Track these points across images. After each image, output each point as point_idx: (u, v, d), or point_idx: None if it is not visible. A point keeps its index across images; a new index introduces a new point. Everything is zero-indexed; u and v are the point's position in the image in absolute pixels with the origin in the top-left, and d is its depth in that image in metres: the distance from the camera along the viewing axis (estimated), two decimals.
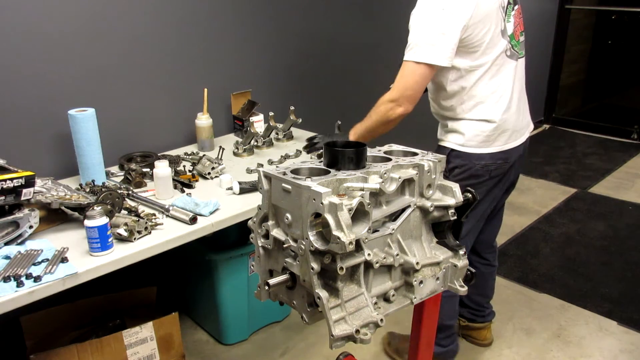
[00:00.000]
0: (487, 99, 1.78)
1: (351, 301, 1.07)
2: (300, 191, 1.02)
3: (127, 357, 1.84)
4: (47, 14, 1.88)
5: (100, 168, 1.90)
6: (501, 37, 1.74)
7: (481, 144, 1.80)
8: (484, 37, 1.69)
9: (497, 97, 1.78)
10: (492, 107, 1.78)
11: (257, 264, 1.22)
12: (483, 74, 1.75)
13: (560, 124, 5.29)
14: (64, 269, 1.37)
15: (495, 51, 1.73)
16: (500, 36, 1.74)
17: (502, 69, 1.78)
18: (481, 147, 1.80)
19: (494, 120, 1.78)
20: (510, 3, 1.77)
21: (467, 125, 1.80)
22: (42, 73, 1.91)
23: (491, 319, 2.26)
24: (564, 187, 3.89)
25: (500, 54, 1.75)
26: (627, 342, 2.29)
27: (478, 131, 1.79)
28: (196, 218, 1.64)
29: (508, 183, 1.96)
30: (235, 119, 2.49)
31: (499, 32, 1.73)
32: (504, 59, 1.77)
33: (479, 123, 1.79)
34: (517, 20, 1.81)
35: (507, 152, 1.84)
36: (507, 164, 1.86)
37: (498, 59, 1.75)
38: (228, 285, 2.15)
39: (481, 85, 1.76)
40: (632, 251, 2.99)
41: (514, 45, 1.80)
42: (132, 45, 2.14)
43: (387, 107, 1.72)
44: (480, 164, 1.80)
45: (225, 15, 2.42)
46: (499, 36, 1.73)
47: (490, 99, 1.78)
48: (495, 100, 1.78)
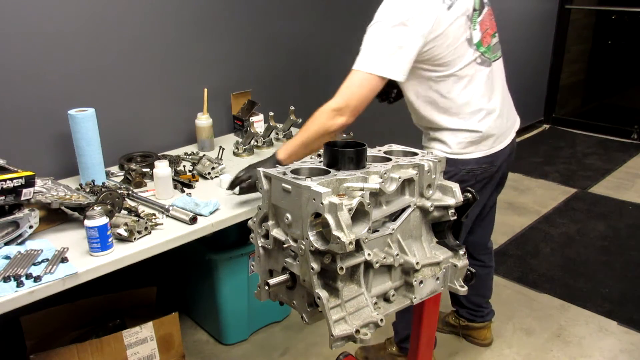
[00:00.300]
0: (462, 110, 1.72)
1: (351, 301, 1.07)
2: (300, 191, 1.02)
3: (127, 357, 1.84)
4: (47, 14, 1.88)
5: (100, 168, 1.90)
6: (468, 47, 1.67)
7: (465, 150, 1.75)
8: (448, 49, 1.62)
9: (473, 107, 1.72)
10: (469, 118, 1.73)
11: (257, 264, 1.22)
12: (453, 86, 1.69)
13: (560, 124, 5.29)
14: (64, 269, 1.37)
15: (463, 61, 1.67)
16: (467, 46, 1.67)
17: (475, 78, 1.71)
18: (466, 154, 1.75)
19: (474, 129, 1.73)
20: (476, 10, 1.70)
21: (448, 134, 1.75)
22: (42, 73, 1.91)
23: (490, 318, 2.26)
24: (564, 187, 3.89)
25: (470, 64, 1.68)
26: (627, 342, 2.29)
27: (460, 138, 1.74)
28: (196, 218, 1.64)
29: (496, 183, 1.93)
30: (235, 119, 2.49)
31: (465, 41, 1.66)
32: (475, 68, 1.71)
33: (459, 132, 1.74)
34: (486, 25, 1.75)
35: (493, 155, 1.80)
36: (494, 166, 1.82)
37: (467, 69, 1.68)
38: (228, 285, 2.15)
39: (454, 97, 1.70)
40: (632, 251, 2.99)
41: (483, 52, 1.73)
42: (132, 45, 2.14)
43: (328, 116, 1.58)
44: (465, 169, 1.76)
45: (225, 15, 2.42)
46: (465, 46, 1.66)
47: (465, 110, 1.72)
48: (471, 111, 1.72)
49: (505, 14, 4.39)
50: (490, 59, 1.76)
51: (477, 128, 1.73)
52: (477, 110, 1.73)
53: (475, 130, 1.73)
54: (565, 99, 5.42)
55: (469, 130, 1.73)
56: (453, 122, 1.73)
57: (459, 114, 1.72)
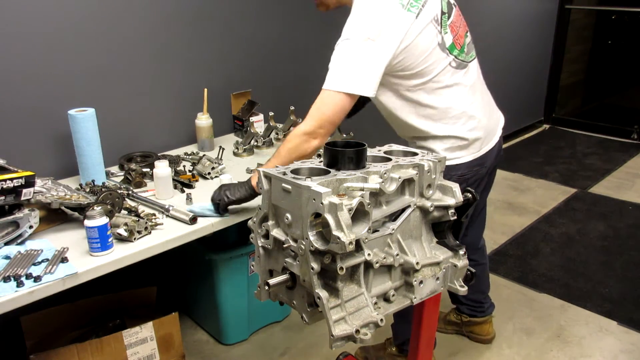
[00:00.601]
0: (445, 116, 1.69)
1: (351, 301, 1.07)
2: (300, 191, 1.02)
3: (127, 357, 1.84)
4: (47, 14, 1.88)
5: (100, 168, 1.90)
6: (441, 52, 1.64)
7: (454, 154, 1.73)
8: (419, 57, 1.59)
9: (455, 111, 1.70)
10: (453, 123, 1.70)
11: (257, 264, 1.22)
12: (432, 93, 1.66)
13: (560, 124, 5.29)
14: (64, 269, 1.37)
15: (437, 68, 1.64)
16: (439, 51, 1.63)
17: (452, 82, 1.68)
18: (455, 159, 1.73)
19: (459, 135, 1.71)
20: (445, 13, 1.66)
21: (435, 141, 1.72)
22: (42, 73, 1.91)
23: (492, 311, 2.25)
24: (564, 187, 3.89)
25: (445, 69, 1.65)
26: (627, 342, 2.29)
27: (448, 144, 1.72)
28: (196, 218, 1.64)
29: (485, 183, 1.91)
30: (235, 119, 2.49)
31: (437, 47, 1.63)
32: (451, 72, 1.68)
33: (445, 138, 1.71)
34: (457, 26, 1.71)
35: (483, 157, 1.79)
36: (484, 168, 1.81)
37: (443, 75, 1.65)
38: (228, 285, 2.15)
39: (434, 104, 1.67)
40: (632, 251, 2.99)
41: (457, 55, 1.69)
42: (133, 45, 2.14)
43: (301, 139, 1.56)
44: (456, 174, 1.73)
45: (225, 15, 2.42)
46: (437, 52, 1.63)
47: (448, 115, 1.69)
48: (454, 116, 1.70)
49: (505, 14, 4.40)
50: (465, 61, 1.72)
51: (462, 133, 1.71)
52: (460, 114, 1.70)
53: (460, 136, 1.71)
54: (565, 99, 5.43)
55: (455, 137, 1.71)
56: (438, 128, 1.70)
57: (442, 119, 1.69)
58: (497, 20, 4.28)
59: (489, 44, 4.24)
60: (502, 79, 4.56)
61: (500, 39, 4.36)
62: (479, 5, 4.05)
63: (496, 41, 4.32)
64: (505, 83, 4.61)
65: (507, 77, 4.60)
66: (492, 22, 4.21)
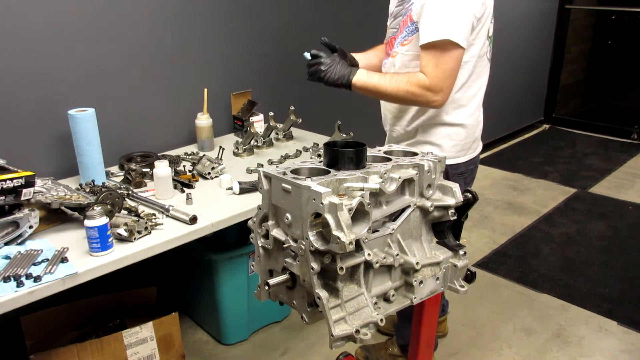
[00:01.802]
0: (470, 102, 1.69)
1: (351, 301, 1.07)
2: (300, 191, 1.02)
3: (127, 357, 1.84)
4: (47, 14, 1.88)
5: (100, 168, 1.90)
6: (486, 37, 1.66)
7: (458, 153, 1.72)
8: (484, 32, 1.61)
9: (477, 100, 1.71)
10: (471, 111, 1.70)
11: (257, 264, 1.22)
12: (472, 74, 1.66)
13: (560, 124, 5.29)
14: (64, 269, 1.37)
15: (482, 50, 1.65)
16: (486, 35, 1.66)
17: (484, 71, 1.70)
18: (457, 157, 1.73)
19: (471, 124, 1.70)
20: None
21: (442, 134, 1.70)
22: (42, 73, 1.91)
23: (446, 311, 2.28)
24: (564, 187, 3.89)
25: (484, 55, 1.67)
26: (627, 342, 2.29)
27: (455, 140, 1.70)
28: (196, 218, 1.64)
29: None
30: (235, 119, 2.49)
31: (487, 31, 1.65)
32: (485, 61, 1.70)
33: (454, 129, 1.69)
34: None
35: (477, 156, 1.81)
36: (476, 167, 1.83)
37: (483, 60, 1.67)
38: (228, 285, 2.15)
39: (467, 86, 1.67)
40: (632, 251, 2.99)
41: (492, 48, 1.73)
42: (132, 45, 2.14)
43: (422, 92, 1.55)
44: (456, 173, 1.73)
45: (225, 15, 2.42)
46: (485, 35, 1.65)
47: (472, 102, 1.69)
48: (476, 104, 1.71)
49: (506, 14, 4.39)
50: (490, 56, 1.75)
51: (473, 122, 1.71)
52: (478, 104, 1.72)
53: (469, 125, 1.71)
54: (565, 99, 5.43)
55: (464, 126, 1.70)
56: (454, 115, 1.68)
57: (465, 105, 1.68)
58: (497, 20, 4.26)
59: None
60: (502, 79, 4.56)
61: (500, 39, 4.34)
62: None
63: (496, 41, 4.31)
64: (505, 83, 4.60)
65: (507, 77, 4.59)
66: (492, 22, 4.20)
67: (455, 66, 1.55)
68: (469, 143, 1.74)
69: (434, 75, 1.54)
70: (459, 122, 1.70)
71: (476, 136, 1.77)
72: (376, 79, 1.62)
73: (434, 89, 1.54)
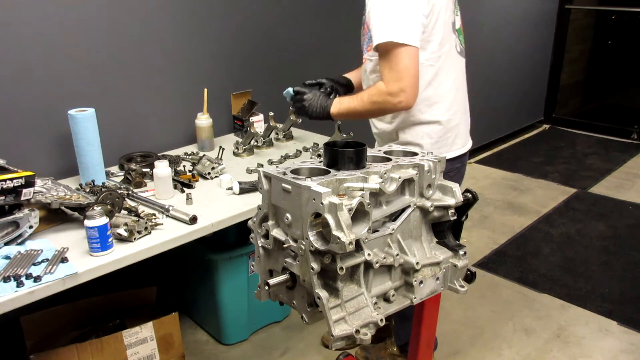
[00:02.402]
0: (443, 99, 1.68)
1: (351, 301, 1.07)
2: (300, 191, 1.02)
3: (127, 357, 1.84)
4: (47, 14, 1.88)
5: (100, 168, 1.90)
6: (452, 31, 1.65)
7: (440, 150, 1.70)
8: (439, 27, 1.60)
9: (452, 95, 1.70)
10: (446, 106, 1.69)
11: (257, 264, 1.22)
12: (439, 70, 1.65)
13: (560, 124, 5.29)
14: (64, 269, 1.37)
15: (448, 45, 1.64)
16: (451, 29, 1.65)
17: (455, 65, 1.69)
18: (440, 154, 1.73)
19: (447, 120, 1.69)
20: None
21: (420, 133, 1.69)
22: (42, 73, 1.91)
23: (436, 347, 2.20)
24: (564, 187, 3.89)
25: (452, 49, 1.66)
26: (627, 342, 2.29)
27: (435, 138, 1.69)
28: (196, 218, 1.64)
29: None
30: (235, 119, 2.49)
31: (450, 24, 1.64)
32: (456, 55, 1.69)
33: (430, 127, 1.69)
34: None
35: (465, 155, 1.79)
36: (464, 166, 1.81)
37: (451, 54, 1.66)
38: (228, 285, 2.15)
39: (437, 82, 1.66)
40: (632, 251, 2.99)
41: (461, 41, 1.72)
42: (133, 45, 2.14)
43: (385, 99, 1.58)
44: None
45: (225, 15, 2.42)
46: (450, 29, 1.64)
47: (447, 98, 1.68)
48: (450, 99, 1.69)
49: (506, 14, 4.39)
50: (464, 51, 1.74)
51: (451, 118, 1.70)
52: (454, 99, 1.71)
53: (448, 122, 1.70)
54: (565, 99, 5.43)
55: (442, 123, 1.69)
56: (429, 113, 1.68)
57: (439, 102, 1.68)
58: (497, 20, 4.28)
59: (489, 44, 4.25)
60: (502, 79, 4.57)
61: (500, 39, 4.36)
62: (480, 5, 4.05)
63: (496, 41, 4.32)
64: (506, 83, 4.61)
65: (507, 77, 4.59)
66: (492, 22, 4.21)
67: (409, 64, 1.53)
68: (450, 139, 1.72)
69: (389, 79, 1.56)
70: (434, 119, 1.69)
71: (457, 132, 1.74)
72: (346, 103, 1.70)
73: (393, 92, 1.56)
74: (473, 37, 4.29)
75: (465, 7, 1.90)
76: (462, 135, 1.78)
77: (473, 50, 4.11)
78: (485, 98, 4.34)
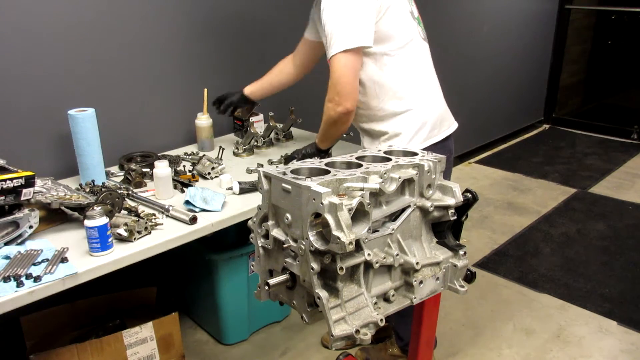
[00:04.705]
0: (411, 87, 1.71)
1: (351, 301, 1.07)
2: (300, 191, 1.02)
3: (127, 357, 1.84)
4: (47, 14, 1.88)
5: (100, 168, 1.90)
6: (412, 19, 1.68)
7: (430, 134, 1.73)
8: (397, 18, 1.63)
9: (420, 83, 1.72)
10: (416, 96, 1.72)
11: (257, 264, 1.22)
12: (402, 60, 1.68)
13: (560, 124, 5.29)
14: (64, 269, 1.37)
15: (409, 34, 1.67)
16: (411, 18, 1.68)
17: (419, 53, 1.71)
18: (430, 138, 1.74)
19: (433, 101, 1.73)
20: None
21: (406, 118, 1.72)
22: (42, 73, 1.91)
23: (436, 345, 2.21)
24: (564, 187, 3.89)
25: (414, 38, 1.69)
26: (627, 342, 2.29)
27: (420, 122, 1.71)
28: (196, 218, 1.64)
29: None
30: (235, 119, 2.49)
31: (409, 13, 1.67)
32: (419, 42, 1.72)
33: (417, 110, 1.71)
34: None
35: (449, 141, 1.81)
36: (451, 154, 1.83)
37: (413, 43, 1.69)
38: (228, 285, 2.15)
39: (401, 73, 1.69)
40: (632, 251, 2.99)
41: (422, 29, 1.75)
42: (132, 45, 2.14)
43: (327, 107, 1.64)
44: None
45: (224, 15, 2.42)
46: (409, 18, 1.67)
47: (414, 86, 1.71)
48: (419, 87, 1.72)
49: (506, 13, 4.39)
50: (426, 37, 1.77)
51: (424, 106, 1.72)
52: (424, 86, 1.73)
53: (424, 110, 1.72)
54: (565, 99, 5.43)
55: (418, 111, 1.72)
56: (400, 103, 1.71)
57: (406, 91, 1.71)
58: (497, 20, 4.28)
59: (489, 44, 4.25)
60: (502, 79, 4.57)
61: (500, 38, 4.36)
62: (479, 5, 4.05)
63: (496, 41, 4.32)
64: (505, 83, 4.61)
65: (507, 77, 4.59)
66: (492, 22, 4.21)
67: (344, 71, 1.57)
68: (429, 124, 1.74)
69: (329, 88, 1.62)
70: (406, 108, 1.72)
71: (436, 118, 1.75)
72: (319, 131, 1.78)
73: (331, 98, 1.62)
74: (473, 37, 4.31)
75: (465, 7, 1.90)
76: (444, 121, 1.80)
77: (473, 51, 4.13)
78: (486, 98, 4.34)
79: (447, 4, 3.73)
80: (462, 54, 3.98)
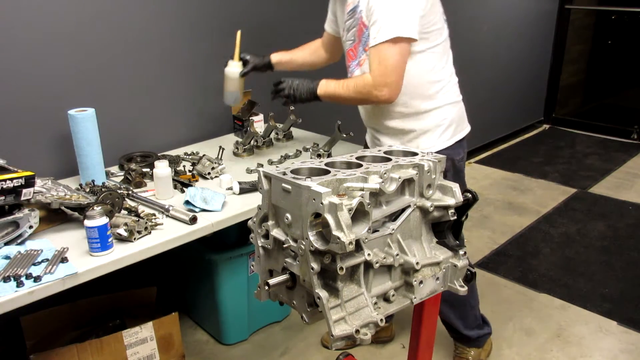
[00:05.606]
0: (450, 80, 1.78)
1: (351, 301, 1.07)
2: (300, 191, 1.02)
3: (127, 357, 1.84)
4: (47, 14, 1.88)
5: (100, 168, 1.90)
6: (444, 20, 1.75)
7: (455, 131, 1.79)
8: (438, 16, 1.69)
9: (448, 82, 1.78)
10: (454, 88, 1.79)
11: (257, 264, 1.22)
12: (444, 55, 1.75)
13: (560, 124, 5.29)
14: (64, 269, 1.37)
15: (445, 33, 1.74)
16: (443, 19, 1.74)
17: (448, 51, 1.79)
18: (455, 136, 1.79)
19: (459, 100, 1.80)
20: None
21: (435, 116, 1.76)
22: (42, 73, 1.91)
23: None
24: (564, 187, 3.89)
25: (447, 37, 1.76)
26: (627, 342, 2.29)
27: (448, 120, 1.77)
28: (196, 218, 1.64)
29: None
30: (235, 119, 2.49)
31: (443, 12, 1.73)
32: (448, 41, 1.78)
33: (446, 108, 1.77)
34: None
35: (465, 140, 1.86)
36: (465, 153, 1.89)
37: (445, 42, 1.75)
38: (228, 285, 2.15)
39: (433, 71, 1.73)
40: (632, 251, 2.99)
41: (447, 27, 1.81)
42: (133, 45, 2.14)
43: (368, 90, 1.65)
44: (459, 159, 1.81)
45: (225, 15, 2.42)
46: (443, 19, 1.74)
47: (443, 85, 1.76)
48: (447, 86, 1.77)
49: (506, 14, 4.39)
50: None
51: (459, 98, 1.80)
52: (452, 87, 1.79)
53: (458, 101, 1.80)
54: (565, 99, 5.43)
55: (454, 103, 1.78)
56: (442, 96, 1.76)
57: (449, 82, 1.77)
58: (497, 20, 4.28)
59: (489, 44, 4.25)
60: (502, 79, 4.57)
61: (500, 39, 4.36)
62: (480, 5, 4.05)
63: (496, 41, 4.32)
64: (505, 83, 4.61)
65: (507, 77, 4.59)
66: (492, 22, 4.21)
67: (398, 61, 1.60)
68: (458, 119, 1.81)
69: (376, 72, 1.62)
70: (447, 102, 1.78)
71: (462, 112, 1.84)
72: (333, 87, 1.77)
73: (378, 85, 1.62)
74: (473, 37, 4.31)
75: (465, 7, 1.91)
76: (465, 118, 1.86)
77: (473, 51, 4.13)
78: (485, 98, 4.34)
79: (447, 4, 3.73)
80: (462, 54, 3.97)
